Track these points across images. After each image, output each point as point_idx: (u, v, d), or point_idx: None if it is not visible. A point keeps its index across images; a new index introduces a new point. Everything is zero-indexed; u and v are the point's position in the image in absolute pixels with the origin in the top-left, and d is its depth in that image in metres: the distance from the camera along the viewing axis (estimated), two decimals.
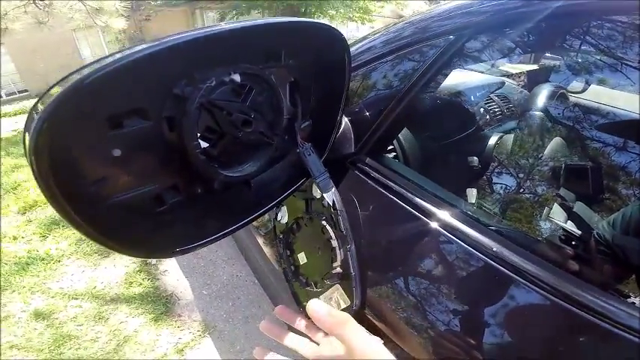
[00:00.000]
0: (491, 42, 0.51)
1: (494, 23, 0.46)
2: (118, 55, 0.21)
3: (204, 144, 0.28)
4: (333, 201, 0.37)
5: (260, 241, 1.10)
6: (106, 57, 0.21)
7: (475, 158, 0.79)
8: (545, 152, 0.72)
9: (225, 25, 0.25)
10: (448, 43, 0.46)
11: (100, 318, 1.42)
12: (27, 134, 0.20)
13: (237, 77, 0.29)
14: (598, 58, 0.58)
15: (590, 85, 0.82)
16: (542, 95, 0.86)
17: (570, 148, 0.73)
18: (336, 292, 0.40)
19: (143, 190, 0.27)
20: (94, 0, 4.64)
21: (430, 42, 0.48)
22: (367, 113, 0.49)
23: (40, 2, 4.55)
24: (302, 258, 0.44)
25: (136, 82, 0.23)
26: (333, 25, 0.33)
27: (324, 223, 0.39)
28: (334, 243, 0.39)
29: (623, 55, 0.47)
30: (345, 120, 0.49)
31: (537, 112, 0.84)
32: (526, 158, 0.77)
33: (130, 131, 0.24)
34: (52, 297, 1.51)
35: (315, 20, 0.32)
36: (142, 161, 0.26)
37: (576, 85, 0.84)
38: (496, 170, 0.72)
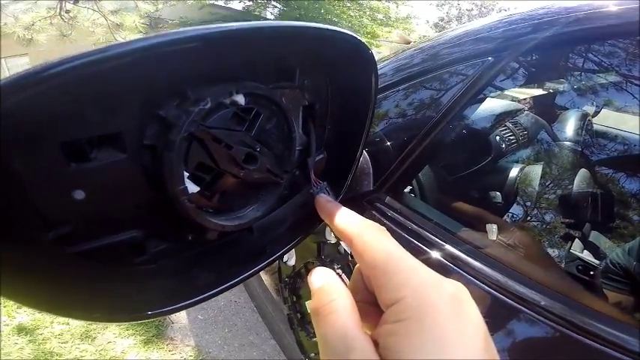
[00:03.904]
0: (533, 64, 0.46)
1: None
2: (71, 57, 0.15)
3: (194, 187, 0.22)
4: None
5: None
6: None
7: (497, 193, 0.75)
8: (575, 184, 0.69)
9: (234, 25, 0.19)
10: (487, 65, 0.41)
11: (86, 337, 1.36)
12: None
13: (240, 98, 0.23)
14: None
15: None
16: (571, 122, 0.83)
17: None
18: None
19: (118, 237, 0.21)
20: (116, 16, 4.82)
21: (466, 63, 0.43)
22: (388, 144, 0.44)
23: (66, 15, 4.73)
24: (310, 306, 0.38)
25: (107, 96, 0.17)
26: (359, 37, 0.27)
27: (339, 272, 0.34)
28: None
29: None
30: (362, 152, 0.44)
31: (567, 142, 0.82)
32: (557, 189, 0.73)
33: (99, 166, 0.19)
34: (40, 313, 1.44)
35: (339, 28, 0.25)
36: (117, 203, 0.21)
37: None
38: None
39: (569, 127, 0.83)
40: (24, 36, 4.56)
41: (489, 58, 0.46)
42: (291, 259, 0.40)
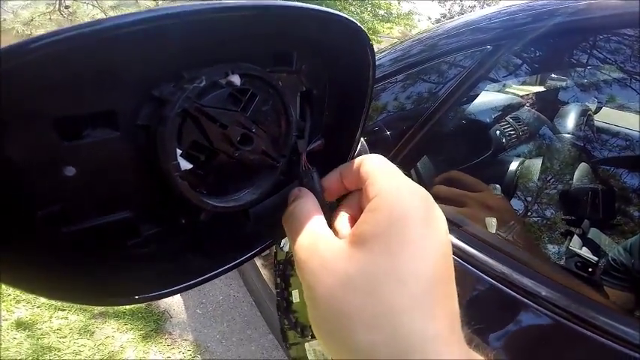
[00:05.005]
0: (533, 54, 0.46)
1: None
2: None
3: (187, 164, 0.22)
4: None
5: (259, 262, 1.04)
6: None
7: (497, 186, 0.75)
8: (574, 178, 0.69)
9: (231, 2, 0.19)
10: (485, 54, 0.41)
11: (85, 331, 1.37)
12: None
13: (236, 79, 0.22)
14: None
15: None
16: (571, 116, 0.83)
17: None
18: None
19: (111, 217, 0.21)
20: (115, 11, 4.81)
21: (465, 52, 0.42)
22: (387, 133, 0.43)
23: (65, 10, 4.72)
24: (296, 296, 0.38)
25: (101, 72, 0.17)
26: (357, 22, 0.26)
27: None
28: None
29: None
30: (361, 140, 0.44)
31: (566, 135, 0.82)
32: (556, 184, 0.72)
33: (91, 143, 0.18)
34: (38, 307, 1.44)
35: (335, 11, 0.24)
36: (108, 182, 0.20)
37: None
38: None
39: (570, 120, 0.83)
40: (23, 32, 4.56)
41: (488, 47, 0.45)
42: (286, 245, 0.40)
